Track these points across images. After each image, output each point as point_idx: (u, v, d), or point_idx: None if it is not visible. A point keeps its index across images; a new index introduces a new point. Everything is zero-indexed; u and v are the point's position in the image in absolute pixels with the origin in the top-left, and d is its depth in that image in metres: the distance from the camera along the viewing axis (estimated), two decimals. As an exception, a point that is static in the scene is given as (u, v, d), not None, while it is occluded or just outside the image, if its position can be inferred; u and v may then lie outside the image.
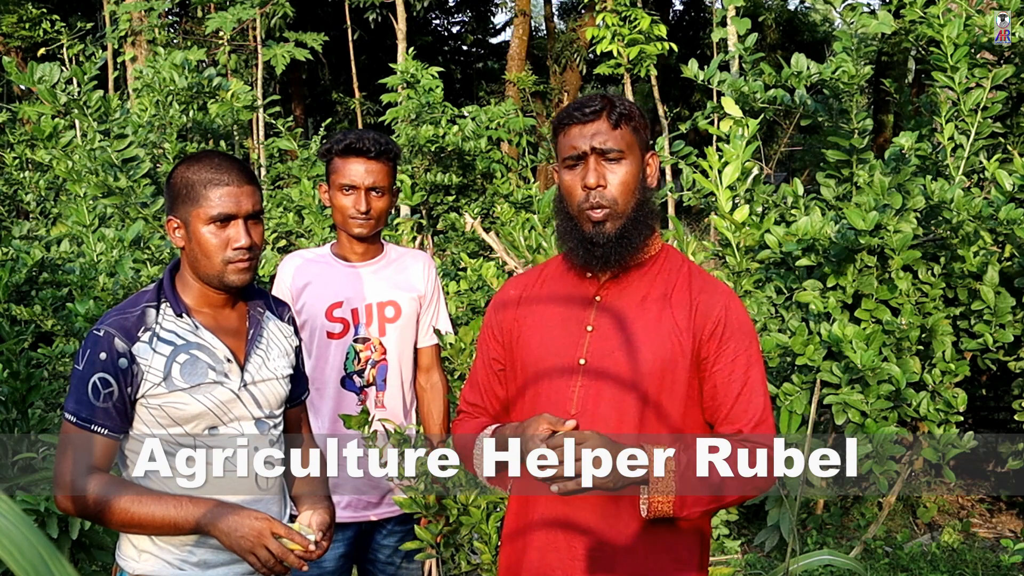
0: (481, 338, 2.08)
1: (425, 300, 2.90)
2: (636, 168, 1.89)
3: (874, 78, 10.78)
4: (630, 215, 1.88)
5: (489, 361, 2.05)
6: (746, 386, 1.87)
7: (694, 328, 1.88)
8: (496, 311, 2.05)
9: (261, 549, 1.87)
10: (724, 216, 3.90)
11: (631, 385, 1.86)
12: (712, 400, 1.89)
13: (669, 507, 1.78)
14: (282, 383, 2.12)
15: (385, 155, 2.76)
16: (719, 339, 1.88)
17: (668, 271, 1.94)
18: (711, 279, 1.96)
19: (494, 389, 2.04)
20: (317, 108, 20.24)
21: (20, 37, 15.31)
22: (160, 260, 5.39)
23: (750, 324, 1.93)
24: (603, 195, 1.86)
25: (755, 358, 1.90)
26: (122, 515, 1.89)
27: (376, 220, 2.78)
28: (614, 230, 1.87)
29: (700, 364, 1.89)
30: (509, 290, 2.07)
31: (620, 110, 1.88)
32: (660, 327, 1.89)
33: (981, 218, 3.97)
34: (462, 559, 2.74)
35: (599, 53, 9.76)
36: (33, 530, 0.66)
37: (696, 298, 1.90)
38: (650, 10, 10.04)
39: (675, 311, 1.90)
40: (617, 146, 1.86)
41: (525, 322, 1.99)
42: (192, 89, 7.45)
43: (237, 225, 1.97)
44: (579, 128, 1.88)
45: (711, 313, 1.89)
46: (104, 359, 1.94)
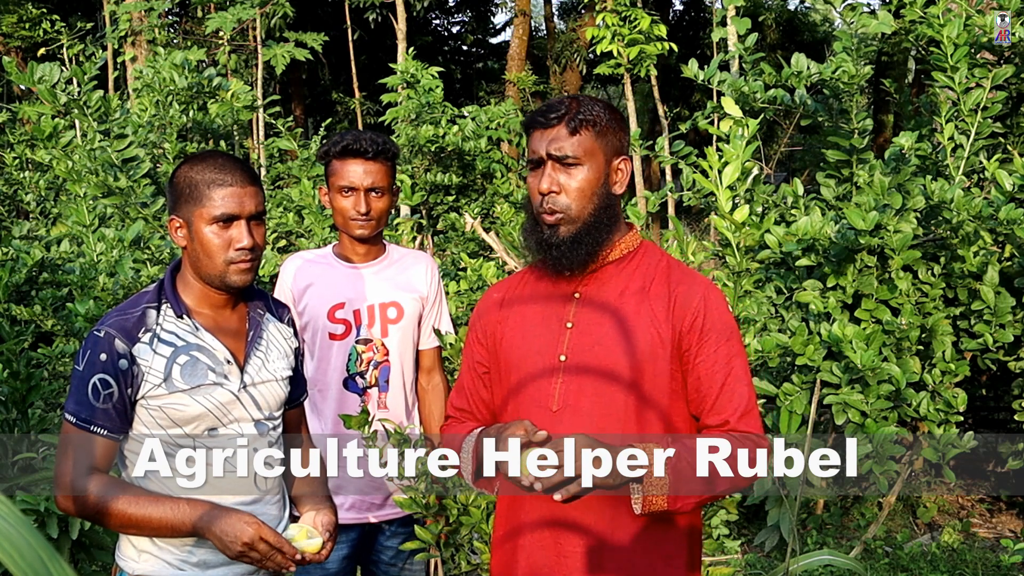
0: (466, 343, 2.10)
1: (427, 302, 2.90)
2: (596, 174, 1.90)
3: (874, 78, 10.78)
4: (586, 220, 1.90)
5: (474, 365, 2.07)
6: (730, 376, 1.88)
7: (673, 320, 1.90)
8: (480, 316, 2.08)
9: (252, 553, 1.89)
10: (724, 216, 3.90)
11: (612, 379, 1.88)
12: (696, 392, 1.90)
13: (664, 503, 1.79)
14: (281, 385, 2.12)
15: (383, 155, 2.75)
16: (699, 331, 1.89)
17: (647, 266, 1.97)
18: (689, 272, 1.98)
19: (480, 393, 2.06)
20: (317, 108, 20.24)
21: (20, 37, 15.31)
22: (160, 260, 5.39)
23: (730, 316, 1.95)
24: (556, 200, 1.89)
25: (736, 348, 1.91)
26: (119, 516, 1.90)
27: (377, 221, 2.78)
28: (567, 234, 1.90)
29: (683, 357, 1.90)
30: (492, 294, 2.09)
31: (582, 116, 1.89)
32: (639, 320, 1.90)
33: (981, 218, 3.97)
34: (462, 559, 2.74)
35: (599, 53, 9.75)
36: (32, 531, 0.66)
37: (674, 290, 1.92)
38: (650, 10, 10.04)
39: (653, 303, 1.91)
40: (573, 153, 1.88)
41: (507, 323, 2.01)
42: (192, 89, 7.45)
43: (240, 226, 1.97)
44: (540, 133, 1.91)
45: (690, 304, 1.90)
46: (104, 360, 1.94)
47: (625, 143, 1.97)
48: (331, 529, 2.02)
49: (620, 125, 1.95)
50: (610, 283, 1.95)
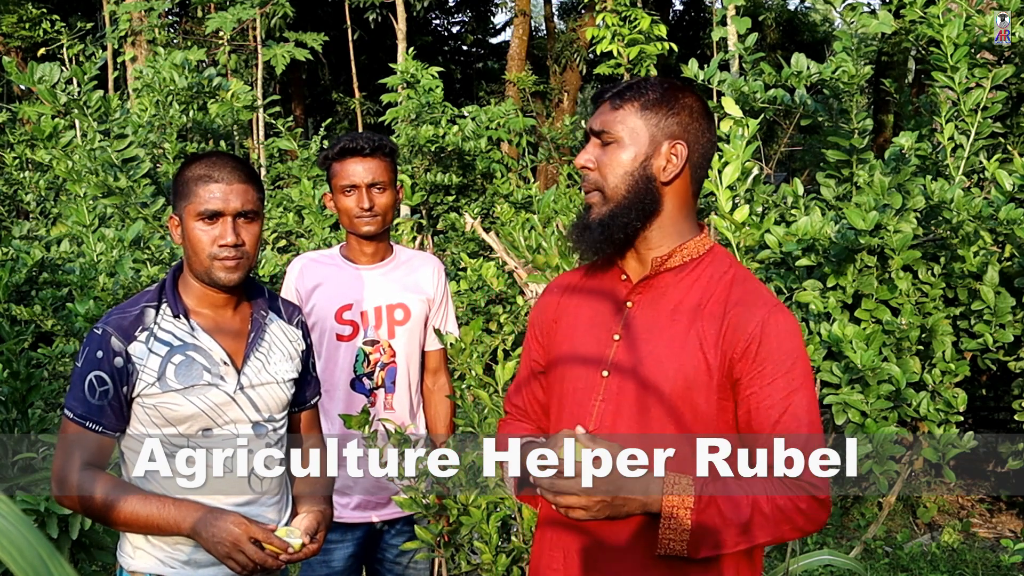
0: (526, 336, 1.96)
1: (434, 304, 2.90)
2: (634, 153, 1.72)
3: (874, 78, 10.77)
4: (619, 202, 1.73)
5: (531, 363, 1.94)
6: (785, 414, 1.65)
7: (723, 345, 1.68)
8: (540, 311, 1.93)
9: (238, 554, 1.90)
10: (724, 216, 3.89)
11: (651, 404, 1.70)
12: (747, 427, 1.68)
13: (682, 547, 1.62)
14: (283, 387, 2.12)
15: (380, 151, 2.76)
16: (752, 359, 1.66)
17: (708, 278, 1.75)
18: (754, 290, 1.74)
19: (536, 393, 1.93)
20: (317, 108, 20.24)
21: (20, 37, 15.31)
22: (160, 260, 5.39)
23: (795, 344, 1.69)
24: (588, 177, 1.76)
25: (799, 383, 1.66)
26: (110, 513, 1.93)
27: (383, 216, 2.78)
28: (597, 216, 1.75)
29: (734, 386, 1.69)
30: (552, 288, 1.95)
31: (630, 92, 1.74)
32: (687, 342, 1.70)
33: (981, 218, 3.97)
34: (462, 559, 2.74)
35: (599, 53, 9.76)
36: (33, 530, 0.66)
37: (730, 311, 1.70)
38: (650, 10, 10.04)
39: (705, 324, 1.70)
40: (610, 128, 1.73)
41: (560, 323, 1.87)
42: (192, 89, 7.45)
43: (225, 222, 1.98)
44: (595, 110, 1.80)
45: (744, 329, 1.68)
46: (100, 358, 1.96)
47: (693, 130, 1.75)
48: (312, 532, 2.03)
49: (686, 109, 1.75)
50: (666, 294, 1.75)
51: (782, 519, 1.62)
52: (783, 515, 1.62)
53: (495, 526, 2.62)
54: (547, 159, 8.72)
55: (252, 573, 1.93)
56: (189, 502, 1.95)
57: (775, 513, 1.61)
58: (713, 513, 1.60)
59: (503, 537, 2.80)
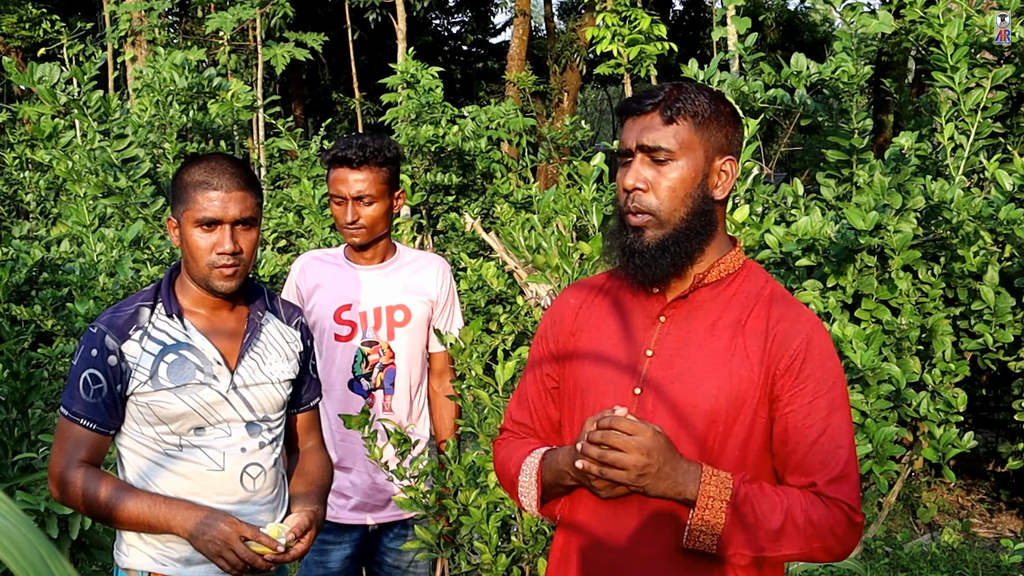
0: (533, 349, 1.86)
1: (438, 305, 2.87)
2: (692, 172, 1.63)
3: (874, 78, 10.78)
4: (676, 225, 1.64)
5: (542, 377, 1.82)
6: (824, 434, 1.60)
7: (767, 361, 1.63)
8: (553, 323, 1.83)
9: (228, 553, 1.91)
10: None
11: (689, 423, 1.64)
12: (783, 445, 1.63)
13: (712, 541, 1.57)
14: (279, 387, 2.12)
15: (370, 161, 2.71)
16: (795, 375, 1.62)
17: (746, 293, 1.69)
18: (795, 306, 1.69)
19: (547, 410, 1.81)
20: (317, 108, 20.24)
21: (20, 37, 15.32)
22: (160, 260, 5.39)
23: (836, 362, 1.66)
24: (642, 199, 1.64)
25: (838, 402, 1.63)
26: (102, 510, 1.95)
27: (368, 228, 2.75)
28: (653, 240, 1.64)
29: (773, 403, 1.63)
30: (568, 298, 1.84)
31: (680, 105, 1.63)
32: (730, 357, 1.64)
33: (981, 218, 3.97)
34: (462, 559, 2.74)
35: (599, 53, 9.76)
36: (33, 530, 0.66)
37: (774, 327, 1.64)
38: (650, 10, 10.04)
39: (748, 340, 1.65)
40: (667, 145, 1.62)
41: (581, 337, 1.77)
42: (192, 89, 7.46)
43: (223, 230, 1.98)
44: (632, 121, 1.67)
45: (789, 345, 1.63)
46: (95, 355, 1.98)
47: (735, 142, 1.69)
48: (299, 533, 2.03)
49: (729, 120, 1.67)
50: (703, 309, 1.69)
51: (813, 535, 1.58)
52: (815, 531, 1.58)
53: (495, 526, 2.62)
54: (547, 159, 8.72)
55: (242, 572, 1.94)
56: (181, 501, 1.96)
57: (807, 527, 1.57)
58: (747, 512, 1.56)
59: (503, 537, 2.80)
